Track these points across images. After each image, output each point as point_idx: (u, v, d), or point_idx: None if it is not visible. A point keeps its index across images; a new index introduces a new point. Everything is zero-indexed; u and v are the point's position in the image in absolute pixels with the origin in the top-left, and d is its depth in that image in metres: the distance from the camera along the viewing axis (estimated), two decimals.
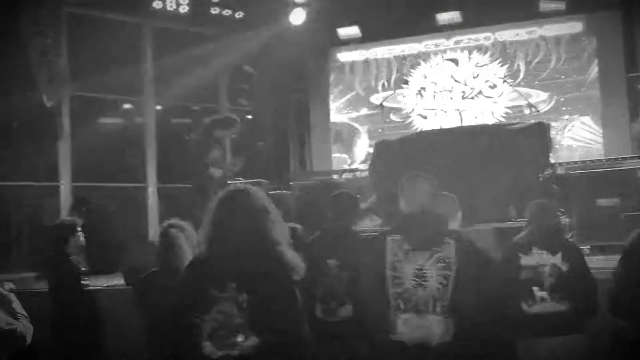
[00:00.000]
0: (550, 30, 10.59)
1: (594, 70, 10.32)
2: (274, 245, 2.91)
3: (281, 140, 11.99)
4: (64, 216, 8.71)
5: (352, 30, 11.53)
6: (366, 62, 11.82)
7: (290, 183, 9.12)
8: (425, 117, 11.35)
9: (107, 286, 6.52)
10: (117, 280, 6.85)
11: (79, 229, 5.58)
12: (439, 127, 10.74)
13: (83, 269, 5.49)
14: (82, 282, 5.44)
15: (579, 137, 10.32)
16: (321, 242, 4.49)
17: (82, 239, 5.58)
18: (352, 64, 11.94)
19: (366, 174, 9.08)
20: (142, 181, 10.65)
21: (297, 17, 10.98)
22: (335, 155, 11.86)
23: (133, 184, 10.57)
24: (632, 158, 8.52)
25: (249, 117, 11.75)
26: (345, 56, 11.97)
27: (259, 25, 10.81)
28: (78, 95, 9.88)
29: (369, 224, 8.16)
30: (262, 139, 10.85)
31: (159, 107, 10.88)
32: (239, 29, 10.81)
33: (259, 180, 8.43)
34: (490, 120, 10.68)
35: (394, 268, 3.23)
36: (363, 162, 11.29)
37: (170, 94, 10.55)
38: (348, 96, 11.95)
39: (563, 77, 10.53)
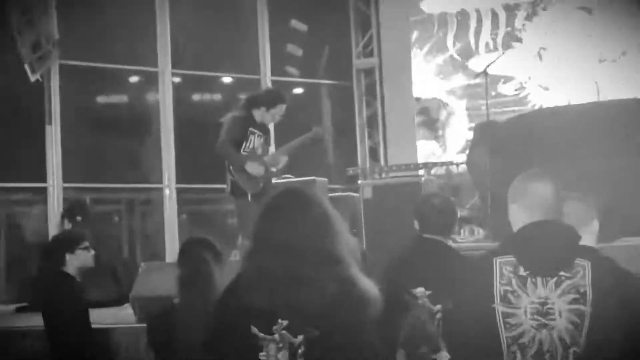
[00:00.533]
0: None
1: None
2: (340, 267, 2.93)
3: (344, 123, 12.08)
4: (56, 227, 8.94)
5: None
6: (462, 13, 11.86)
7: (358, 182, 9.17)
8: (546, 89, 11.32)
9: (114, 323, 6.72)
10: (125, 315, 7.04)
11: (86, 244, 5.72)
12: (566, 103, 10.69)
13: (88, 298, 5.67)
14: (88, 316, 5.60)
15: None
16: (404, 264, 4.52)
17: (90, 257, 5.73)
18: (443, 17, 11.98)
19: (464, 168, 9.17)
20: (156, 181, 10.81)
21: None
22: (421, 142, 11.97)
23: (144, 185, 10.77)
24: None
25: (300, 91, 11.90)
26: (432, 5, 11.96)
27: None
28: (70, 66, 10.15)
29: (469, 239, 8.21)
30: (319, 122, 11.04)
31: (177, 80, 11.05)
32: None
33: (315, 178, 8.53)
34: None
35: (507, 301, 3.20)
36: (460, 152, 11.42)
37: (193, 61, 10.82)
38: (438, 61, 12.03)
39: None
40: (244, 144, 7.36)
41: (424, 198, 4.79)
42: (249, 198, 7.08)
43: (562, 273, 3.16)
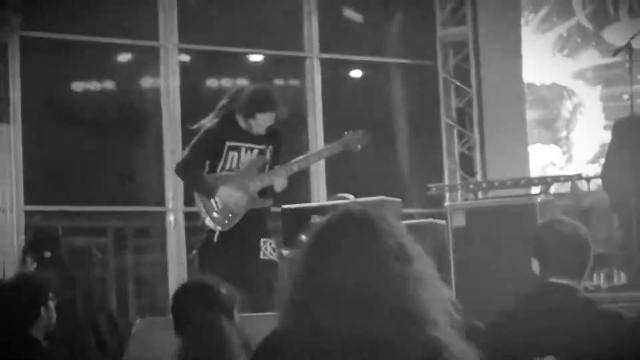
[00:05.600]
0: None
1: None
2: (425, 327, 2.92)
3: (424, 120, 12.16)
4: (14, 267, 9.20)
5: None
6: None
7: (445, 204, 9.25)
8: None
9: None
10: None
11: (50, 295, 5.58)
12: None
13: None
14: None
15: None
16: (520, 322, 4.55)
17: (52, 310, 5.59)
18: None
19: (598, 185, 9.37)
20: (157, 202, 10.96)
21: None
22: (535, 147, 12.03)
23: (139, 207, 10.97)
24: None
25: (358, 74, 11.96)
26: None
27: None
28: (37, 39, 10.28)
29: (605, 285, 8.36)
30: (387, 117, 10.84)
31: (185, 59, 11.20)
32: None
33: (385, 197, 8.59)
34: None
35: None
36: (592, 161, 11.59)
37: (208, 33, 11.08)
38: (559, 30, 12.08)
39: None
40: (220, 163, 7.76)
41: (547, 225, 4.92)
42: (215, 238, 7.57)
43: None
